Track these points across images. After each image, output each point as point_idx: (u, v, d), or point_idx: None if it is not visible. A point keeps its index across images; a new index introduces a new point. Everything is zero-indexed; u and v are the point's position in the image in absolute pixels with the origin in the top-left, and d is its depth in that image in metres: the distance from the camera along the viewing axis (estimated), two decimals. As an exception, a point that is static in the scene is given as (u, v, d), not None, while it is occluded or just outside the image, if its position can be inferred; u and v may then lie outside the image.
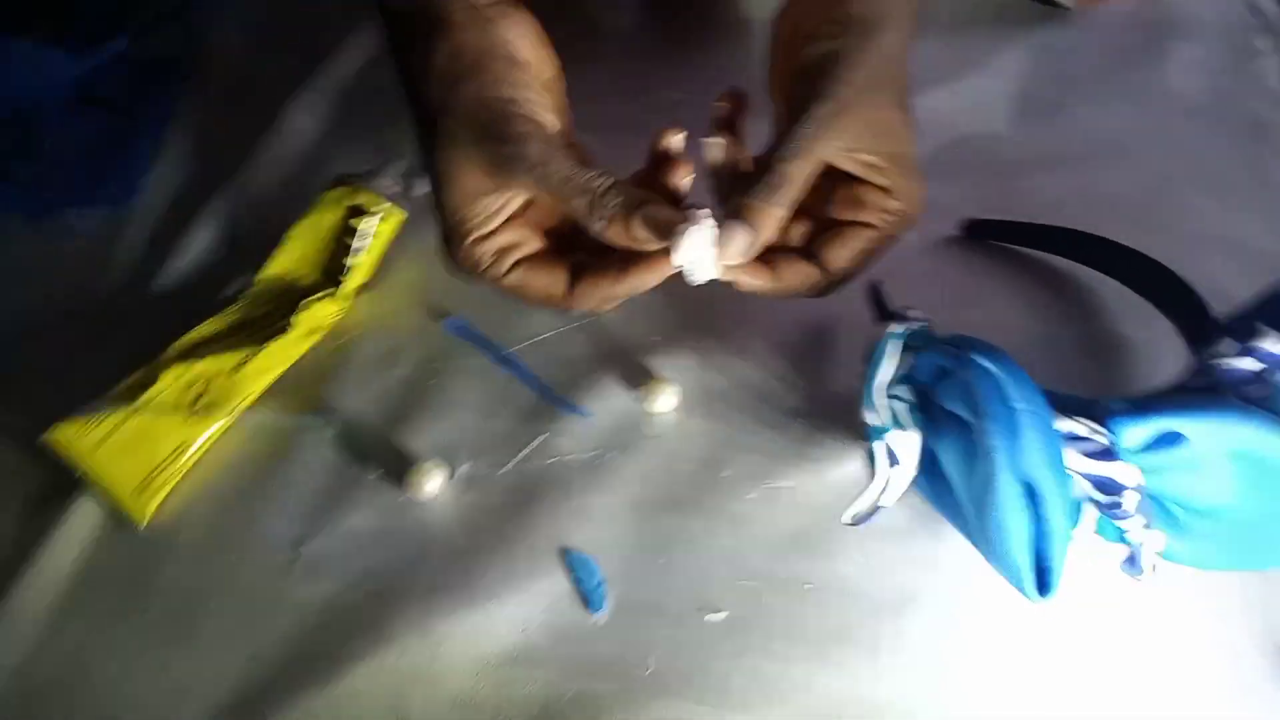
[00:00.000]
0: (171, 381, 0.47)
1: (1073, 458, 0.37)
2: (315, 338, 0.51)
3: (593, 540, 0.45)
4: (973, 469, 0.38)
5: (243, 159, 0.58)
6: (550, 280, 0.42)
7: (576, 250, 0.43)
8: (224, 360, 0.48)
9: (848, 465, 0.46)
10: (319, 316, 0.51)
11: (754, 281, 0.43)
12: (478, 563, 0.44)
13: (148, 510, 0.45)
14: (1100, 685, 0.41)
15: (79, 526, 0.45)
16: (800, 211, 0.42)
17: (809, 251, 0.44)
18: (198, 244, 0.56)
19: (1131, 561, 0.39)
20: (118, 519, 0.46)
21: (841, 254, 0.44)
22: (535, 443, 0.48)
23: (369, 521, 0.45)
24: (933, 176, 0.59)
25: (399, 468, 0.46)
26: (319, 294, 0.51)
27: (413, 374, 0.50)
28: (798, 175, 0.40)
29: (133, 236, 0.56)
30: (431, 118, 0.42)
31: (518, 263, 0.42)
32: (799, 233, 0.44)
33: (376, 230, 0.52)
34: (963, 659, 0.42)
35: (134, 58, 0.63)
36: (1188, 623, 0.42)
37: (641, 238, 0.39)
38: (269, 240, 0.53)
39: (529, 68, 0.43)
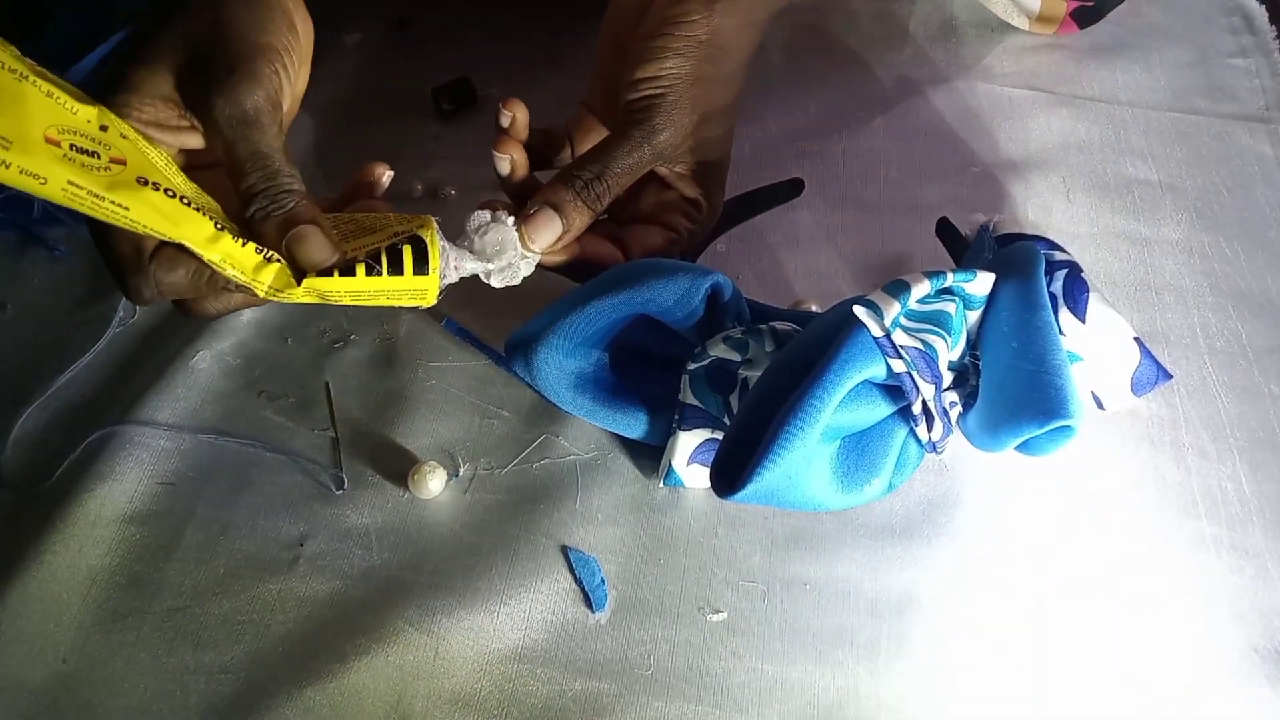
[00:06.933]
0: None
1: None
2: (264, 286, 0.38)
3: (593, 540, 0.45)
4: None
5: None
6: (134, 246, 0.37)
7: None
8: (196, 214, 0.36)
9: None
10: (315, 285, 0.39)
11: (556, 258, 0.45)
12: (480, 561, 0.44)
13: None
14: (1098, 685, 0.41)
15: (81, 526, 0.45)
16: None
17: (612, 234, 0.48)
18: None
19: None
20: (120, 520, 0.45)
21: (644, 246, 0.47)
22: (536, 443, 0.48)
23: (371, 520, 0.45)
24: (920, 177, 0.60)
25: (401, 467, 0.47)
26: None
27: (414, 374, 0.50)
28: (619, 185, 0.44)
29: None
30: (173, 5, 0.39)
31: None
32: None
33: None
34: (962, 659, 0.42)
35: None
36: (1184, 623, 0.43)
37: (295, 249, 0.37)
38: None
39: (303, 43, 0.42)
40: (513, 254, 0.42)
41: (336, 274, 0.39)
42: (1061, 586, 0.44)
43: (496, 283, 0.43)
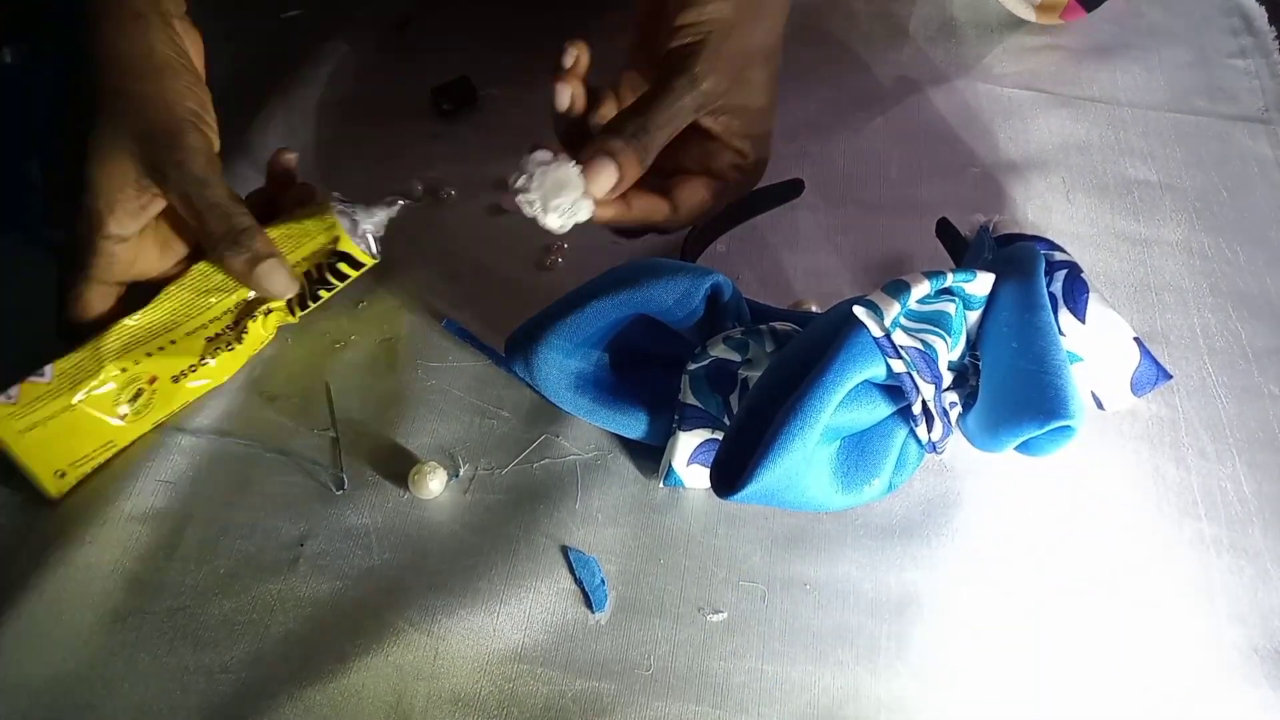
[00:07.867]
0: (115, 376, 0.46)
1: None
2: (253, 350, 0.50)
3: (593, 540, 0.45)
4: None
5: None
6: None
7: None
8: (169, 363, 0.47)
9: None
10: (269, 329, 0.50)
11: (607, 211, 0.45)
12: (480, 562, 0.44)
13: (63, 489, 0.46)
14: (1098, 685, 0.41)
15: (79, 525, 0.45)
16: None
17: (661, 188, 0.48)
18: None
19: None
20: (120, 520, 0.45)
21: (692, 198, 0.48)
22: (536, 443, 0.48)
23: (371, 520, 0.45)
24: (920, 177, 0.60)
25: (401, 468, 0.47)
26: (272, 307, 0.50)
27: (413, 374, 0.50)
28: (664, 135, 0.44)
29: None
30: (100, 98, 0.45)
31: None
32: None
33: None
34: (962, 659, 0.42)
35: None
36: (1184, 623, 0.43)
37: (264, 284, 0.46)
38: None
39: (205, 87, 0.47)
40: (574, 193, 0.43)
41: (311, 305, 0.51)
42: (1061, 586, 0.44)
43: (554, 222, 0.43)
